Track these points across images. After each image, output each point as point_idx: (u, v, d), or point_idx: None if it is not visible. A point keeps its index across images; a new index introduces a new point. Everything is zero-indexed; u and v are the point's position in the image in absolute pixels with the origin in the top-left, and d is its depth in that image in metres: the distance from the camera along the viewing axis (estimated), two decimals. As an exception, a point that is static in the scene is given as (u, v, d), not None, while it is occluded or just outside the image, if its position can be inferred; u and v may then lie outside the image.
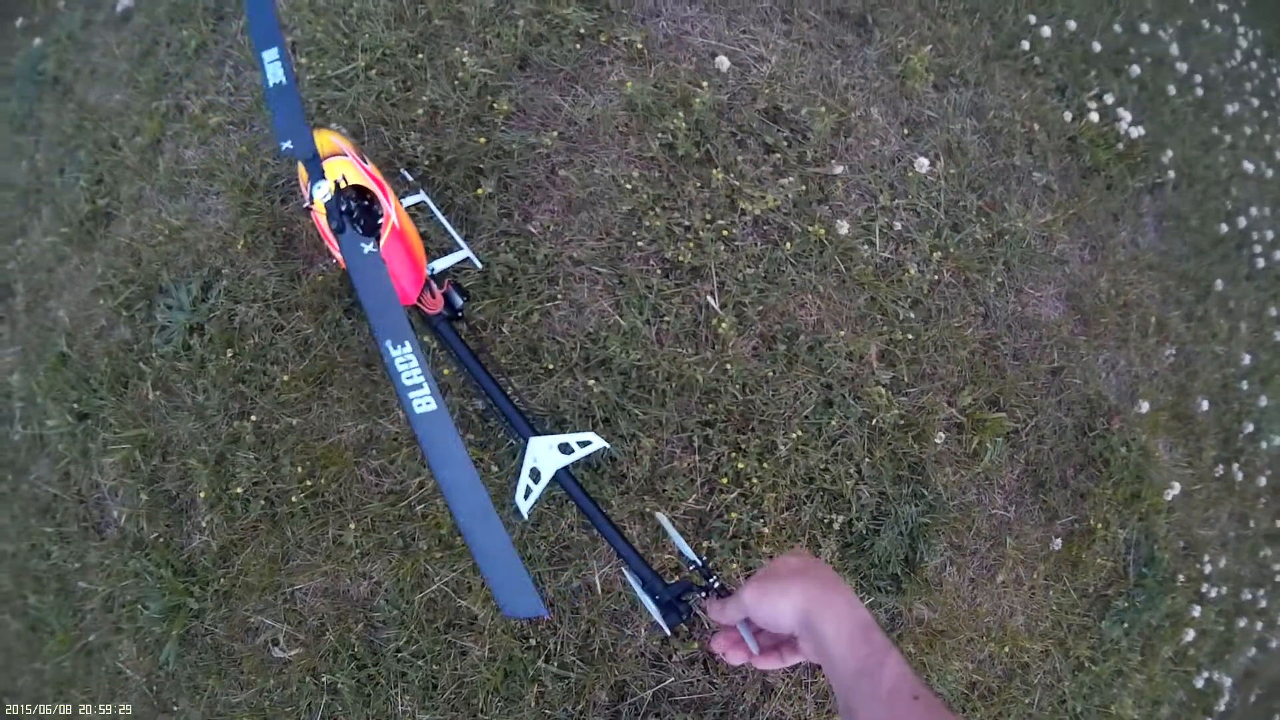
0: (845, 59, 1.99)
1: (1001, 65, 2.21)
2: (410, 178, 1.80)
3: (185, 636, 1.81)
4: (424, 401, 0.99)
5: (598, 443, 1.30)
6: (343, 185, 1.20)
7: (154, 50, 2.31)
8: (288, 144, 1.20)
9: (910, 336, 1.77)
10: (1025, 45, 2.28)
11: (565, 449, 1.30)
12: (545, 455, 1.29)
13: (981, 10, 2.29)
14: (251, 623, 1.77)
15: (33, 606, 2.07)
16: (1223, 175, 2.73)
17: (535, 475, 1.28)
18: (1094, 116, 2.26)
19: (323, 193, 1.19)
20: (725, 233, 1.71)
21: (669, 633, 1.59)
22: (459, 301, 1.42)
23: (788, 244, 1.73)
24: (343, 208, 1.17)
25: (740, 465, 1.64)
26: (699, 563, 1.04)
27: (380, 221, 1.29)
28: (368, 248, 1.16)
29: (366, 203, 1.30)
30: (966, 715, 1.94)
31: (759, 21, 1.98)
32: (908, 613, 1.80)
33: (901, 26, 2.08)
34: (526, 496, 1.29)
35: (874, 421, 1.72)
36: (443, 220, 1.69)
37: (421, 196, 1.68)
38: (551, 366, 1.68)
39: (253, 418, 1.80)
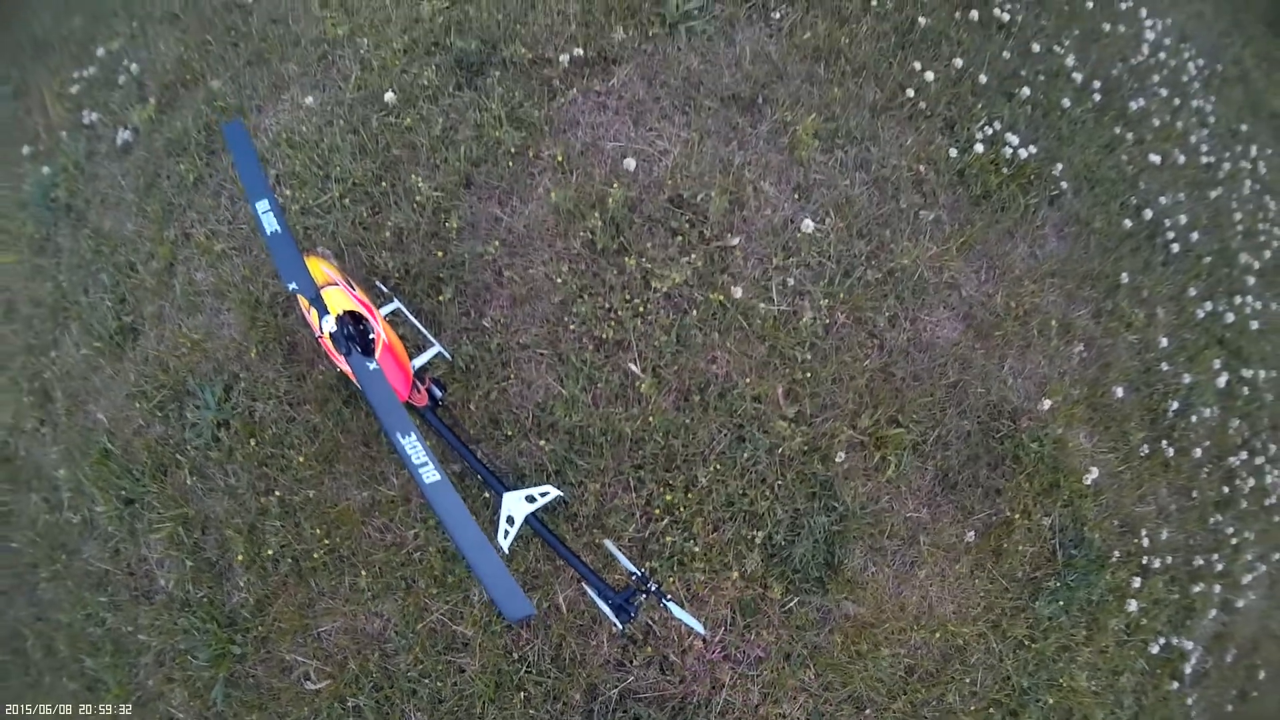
0: (740, 140, 2.33)
1: (887, 116, 2.49)
2: (385, 289, 2.20)
3: (230, 678, 2.15)
4: (431, 474, 1.40)
5: (555, 493, 1.77)
6: (343, 317, 1.55)
7: (157, 182, 2.61)
8: (293, 285, 1.54)
9: (809, 375, 2.09)
10: (910, 93, 2.54)
11: (531, 499, 1.75)
12: (516, 505, 1.73)
13: (867, 67, 2.55)
14: (286, 661, 2.12)
15: (89, 668, 2.34)
16: (1129, 173, 2.87)
17: (510, 521, 1.72)
18: (979, 147, 2.50)
19: (329, 325, 1.57)
20: (641, 309, 2.07)
21: (621, 628, 1.94)
22: (439, 393, 1.86)
23: (694, 311, 2.08)
24: (346, 334, 1.54)
25: (669, 497, 1.99)
26: (638, 574, 1.46)
27: (372, 338, 1.68)
28: (371, 365, 1.55)
29: (360, 326, 1.67)
30: (908, 698, 2.18)
31: (662, 117, 2.35)
32: (836, 610, 2.10)
33: (788, 101, 2.40)
34: (505, 537, 1.71)
35: (780, 450, 2.05)
36: (416, 323, 2.10)
37: (396, 304, 2.09)
38: (510, 433, 2.07)
39: (276, 493, 2.19)
